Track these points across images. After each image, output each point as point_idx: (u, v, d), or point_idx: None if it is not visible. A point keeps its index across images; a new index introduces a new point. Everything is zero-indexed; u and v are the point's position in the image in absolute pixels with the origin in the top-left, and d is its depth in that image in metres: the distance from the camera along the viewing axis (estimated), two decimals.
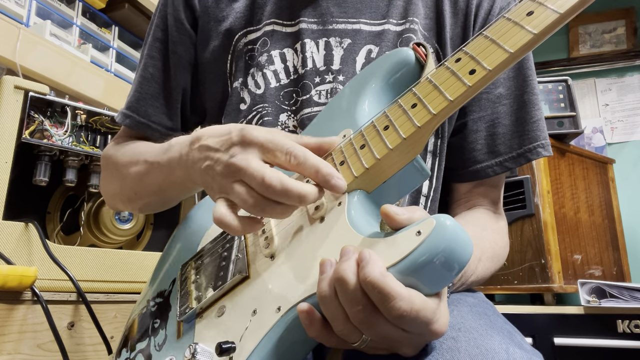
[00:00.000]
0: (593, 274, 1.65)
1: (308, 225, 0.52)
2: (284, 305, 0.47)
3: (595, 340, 1.34)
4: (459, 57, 0.50)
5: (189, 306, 0.57)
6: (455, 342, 0.45)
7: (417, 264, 0.40)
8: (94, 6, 1.86)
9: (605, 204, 1.80)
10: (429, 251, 0.39)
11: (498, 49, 0.47)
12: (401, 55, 0.61)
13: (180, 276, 0.64)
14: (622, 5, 2.46)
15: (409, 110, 0.50)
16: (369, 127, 0.53)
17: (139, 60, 0.85)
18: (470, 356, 0.43)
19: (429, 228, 0.40)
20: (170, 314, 0.62)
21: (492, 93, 0.75)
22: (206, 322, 0.55)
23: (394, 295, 0.39)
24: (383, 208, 0.44)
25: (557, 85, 1.74)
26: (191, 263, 0.64)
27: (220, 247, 0.61)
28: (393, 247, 0.41)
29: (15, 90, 1.10)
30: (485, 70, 0.47)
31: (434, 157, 0.74)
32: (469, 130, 0.75)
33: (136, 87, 0.83)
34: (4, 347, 0.96)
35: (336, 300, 0.42)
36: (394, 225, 0.43)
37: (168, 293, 0.65)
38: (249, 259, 0.56)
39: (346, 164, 0.52)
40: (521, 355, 0.45)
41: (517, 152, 0.74)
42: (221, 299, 0.55)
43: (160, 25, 0.82)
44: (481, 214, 0.75)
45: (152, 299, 0.67)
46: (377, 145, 0.50)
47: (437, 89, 0.49)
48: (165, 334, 0.60)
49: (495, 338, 0.47)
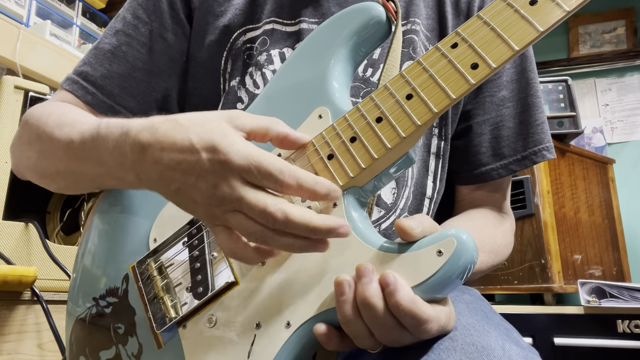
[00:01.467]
0: (593, 274, 1.65)
1: None
2: (294, 321, 0.46)
3: (595, 340, 1.34)
4: (455, 41, 0.47)
5: (167, 316, 0.53)
6: (452, 341, 0.45)
7: (441, 283, 0.41)
8: (94, 6, 1.86)
9: (605, 204, 1.80)
10: (451, 270, 0.41)
11: (502, 43, 0.44)
12: (370, 12, 0.55)
13: (137, 275, 0.57)
14: (622, 5, 2.46)
15: (405, 104, 0.47)
16: (355, 115, 0.49)
17: (105, 33, 0.76)
18: (466, 354, 0.43)
19: (451, 248, 0.41)
20: (136, 319, 0.56)
21: (496, 96, 0.75)
22: (195, 333, 0.51)
23: (426, 319, 0.41)
24: (397, 223, 0.44)
25: (557, 85, 1.74)
26: (149, 261, 0.57)
27: (186, 245, 0.55)
28: (415, 267, 0.42)
29: (15, 90, 1.10)
30: (489, 68, 0.44)
31: (437, 158, 0.74)
32: (474, 133, 0.75)
33: (101, 62, 0.73)
34: (4, 347, 0.96)
35: (361, 321, 0.42)
36: (407, 239, 0.44)
37: (124, 292, 0.58)
38: (230, 262, 0.52)
39: (336, 159, 0.49)
40: (517, 352, 0.45)
41: (522, 154, 0.74)
42: (206, 306, 0.52)
43: (145, 6, 0.76)
44: (484, 212, 0.75)
45: (100, 298, 0.60)
46: (372, 142, 0.47)
47: (435, 82, 0.46)
48: (139, 343, 0.54)
49: (492, 334, 0.47)
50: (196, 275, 0.52)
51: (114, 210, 0.64)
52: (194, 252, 0.54)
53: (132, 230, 0.61)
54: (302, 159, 0.51)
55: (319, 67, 0.55)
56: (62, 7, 1.72)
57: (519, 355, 0.44)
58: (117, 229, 0.62)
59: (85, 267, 0.63)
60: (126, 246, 0.60)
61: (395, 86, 0.48)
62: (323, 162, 0.49)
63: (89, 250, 0.64)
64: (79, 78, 0.73)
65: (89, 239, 0.65)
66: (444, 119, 0.73)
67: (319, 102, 0.53)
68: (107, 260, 0.61)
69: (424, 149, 0.72)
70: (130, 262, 0.59)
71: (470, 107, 0.75)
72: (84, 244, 0.65)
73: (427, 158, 0.73)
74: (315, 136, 0.51)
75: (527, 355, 0.46)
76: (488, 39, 0.45)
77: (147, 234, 0.59)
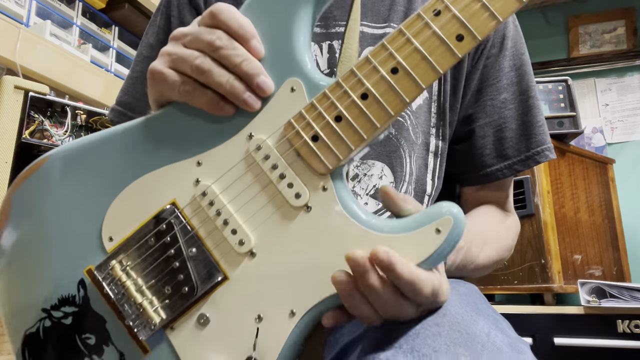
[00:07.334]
0: (593, 274, 1.65)
1: (292, 217, 0.48)
2: (299, 309, 0.46)
3: (595, 340, 1.34)
4: (438, 8, 0.45)
5: (151, 322, 0.49)
6: (438, 327, 0.46)
7: (439, 258, 0.44)
8: (94, 6, 1.86)
9: (605, 204, 1.80)
10: (449, 246, 0.44)
11: (486, 12, 0.44)
12: None
13: (99, 280, 0.51)
14: (622, 5, 2.46)
15: (390, 78, 0.46)
16: (338, 92, 0.47)
17: (134, 61, 0.81)
18: (451, 339, 0.44)
19: (448, 226, 0.43)
20: (108, 327, 0.52)
21: (497, 99, 0.76)
22: (186, 333, 0.49)
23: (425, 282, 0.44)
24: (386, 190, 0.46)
25: (557, 85, 1.74)
26: (112, 264, 0.51)
27: (156, 242, 0.51)
28: (416, 246, 0.44)
29: (15, 90, 1.10)
30: (475, 40, 0.44)
31: (435, 157, 0.75)
32: (477, 136, 0.76)
33: (138, 89, 0.78)
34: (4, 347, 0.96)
35: (366, 304, 0.45)
36: (396, 212, 0.47)
37: (83, 300, 0.53)
38: (215, 257, 0.49)
39: (322, 142, 0.47)
40: (502, 339, 0.45)
41: (526, 154, 0.75)
42: (194, 306, 0.49)
43: (165, 29, 0.79)
44: (488, 209, 0.77)
45: (52, 309, 0.53)
46: (359, 121, 0.46)
47: (420, 54, 0.45)
48: (119, 351, 0.51)
49: (479, 323, 0.48)
50: (176, 275, 0.49)
51: (40, 204, 0.55)
52: (169, 250, 0.50)
53: (73, 229, 0.53)
54: (283, 142, 0.48)
55: (280, 26, 0.50)
56: (62, 7, 1.72)
57: (504, 342, 0.45)
58: (49, 227, 0.54)
59: (18, 275, 0.55)
60: (69, 247, 0.53)
61: (379, 58, 0.46)
62: (308, 146, 0.47)
63: (14, 255, 0.55)
64: (120, 107, 0.78)
65: (9, 240, 0.56)
66: (441, 120, 0.74)
67: (289, 73, 0.49)
68: (47, 265, 0.54)
69: (423, 148, 0.73)
70: (81, 265, 0.52)
71: (472, 111, 0.76)
72: (4, 245, 0.56)
73: (426, 156, 0.74)
74: (294, 115, 0.48)
75: (513, 343, 0.46)
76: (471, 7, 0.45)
77: (96, 233, 0.53)
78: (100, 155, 0.54)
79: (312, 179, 0.47)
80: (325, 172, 0.47)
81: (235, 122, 0.50)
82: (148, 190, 0.51)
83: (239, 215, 0.49)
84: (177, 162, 0.51)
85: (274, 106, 0.49)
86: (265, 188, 0.48)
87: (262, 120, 0.49)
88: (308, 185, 0.47)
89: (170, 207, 0.50)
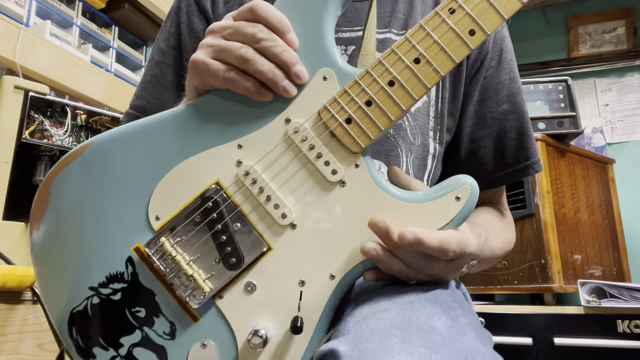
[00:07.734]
0: (593, 274, 1.65)
1: (328, 191, 0.54)
2: (338, 272, 0.53)
3: (595, 340, 1.34)
4: (452, 7, 0.53)
5: (202, 292, 0.54)
6: (387, 312, 0.48)
7: (459, 221, 0.52)
8: (94, 6, 1.86)
9: (605, 204, 1.80)
10: (467, 211, 0.52)
11: (496, 14, 0.52)
12: None
13: (149, 257, 0.55)
14: (622, 5, 2.46)
15: (413, 67, 0.53)
16: (368, 80, 0.54)
17: (147, 66, 0.83)
18: (391, 323, 0.46)
19: (466, 194, 0.52)
20: (158, 299, 0.56)
21: (496, 111, 0.79)
22: (232, 301, 0.54)
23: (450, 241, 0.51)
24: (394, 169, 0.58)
25: (557, 85, 1.74)
26: (162, 241, 0.55)
27: (203, 219, 0.55)
28: (438, 212, 0.52)
29: (15, 90, 1.10)
30: (484, 35, 0.52)
31: (433, 159, 0.77)
32: (478, 146, 0.80)
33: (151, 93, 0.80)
34: (4, 347, 0.96)
35: (398, 262, 0.51)
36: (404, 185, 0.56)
37: (132, 276, 0.56)
38: (259, 230, 0.55)
39: (355, 124, 0.54)
40: (444, 322, 0.46)
41: (525, 164, 0.80)
42: (240, 275, 0.54)
43: (175, 35, 0.82)
44: (488, 209, 0.82)
45: (100, 286, 0.57)
46: (388, 104, 0.53)
47: (439, 46, 0.53)
48: (170, 321, 0.55)
49: (426, 309, 0.49)
50: (224, 248, 0.55)
51: (84, 188, 0.58)
52: (216, 226, 0.55)
53: (117, 211, 0.57)
54: (319, 125, 0.55)
55: (311, 22, 0.56)
56: (62, 7, 1.72)
57: (445, 324, 0.46)
58: (95, 209, 0.58)
59: (62, 257, 0.58)
60: (114, 228, 0.57)
61: (403, 50, 0.54)
62: (342, 127, 0.54)
63: (58, 237, 0.58)
64: (134, 111, 0.80)
65: (53, 223, 0.59)
66: (439, 124, 0.76)
67: (321, 63, 0.56)
68: (92, 246, 0.57)
69: (422, 149, 0.75)
70: (128, 244, 0.56)
71: (473, 123, 0.79)
72: (46, 230, 0.58)
73: (425, 157, 0.76)
74: (329, 100, 0.54)
75: (457, 326, 0.47)
76: (483, 8, 0.53)
77: (142, 213, 0.57)
78: (143, 142, 0.58)
79: (346, 157, 0.54)
80: (358, 150, 0.54)
81: (272, 107, 0.56)
82: (191, 173, 0.56)
83: (281, 192, 0.55)
84: (218, 146, 0.56)
85: (308, 93, 0.55)
86: (304, 167, 0.55)
87: (298, 106, 0.55)
88: (342, 162, 0.54)
89: (214, 186, 0.56)
